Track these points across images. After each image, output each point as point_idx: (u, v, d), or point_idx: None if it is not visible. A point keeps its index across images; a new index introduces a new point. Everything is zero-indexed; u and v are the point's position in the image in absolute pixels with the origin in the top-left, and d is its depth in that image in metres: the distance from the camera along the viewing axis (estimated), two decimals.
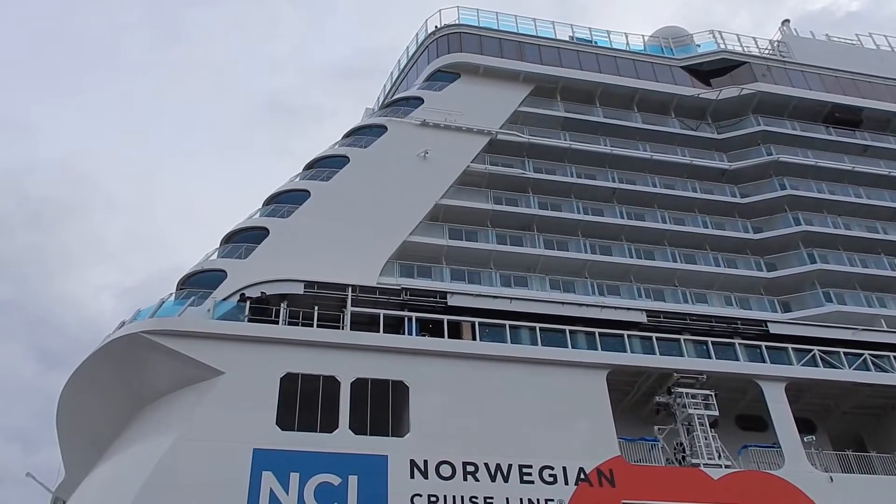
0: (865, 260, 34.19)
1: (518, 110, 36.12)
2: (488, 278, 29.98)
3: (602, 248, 32.36)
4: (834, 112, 39.79)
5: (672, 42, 42.27)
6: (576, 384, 24.74)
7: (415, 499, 20.73)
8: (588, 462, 22.67)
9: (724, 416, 26.21)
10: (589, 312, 27.84)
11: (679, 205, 35.01)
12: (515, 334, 26.08)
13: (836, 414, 28.90)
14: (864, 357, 27.82)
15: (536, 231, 32.12)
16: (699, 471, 23.50)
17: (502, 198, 32.89)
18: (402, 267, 28.79)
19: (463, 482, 21.51)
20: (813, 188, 36.26)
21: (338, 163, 31.61)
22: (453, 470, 21.62)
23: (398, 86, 41.92)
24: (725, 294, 32.11)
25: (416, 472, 21.27)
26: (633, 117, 37.94)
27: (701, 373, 25.76)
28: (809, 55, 42.41)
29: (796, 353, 27.66)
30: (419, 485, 21.04)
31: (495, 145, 34.34)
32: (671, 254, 32.91)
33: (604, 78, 38.49)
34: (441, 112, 34.28)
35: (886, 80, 41.90)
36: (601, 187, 34.50)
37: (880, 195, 37.10)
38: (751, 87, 39.05)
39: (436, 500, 20.91)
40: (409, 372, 23.44)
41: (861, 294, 32.63)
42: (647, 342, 26.90)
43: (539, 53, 38.78)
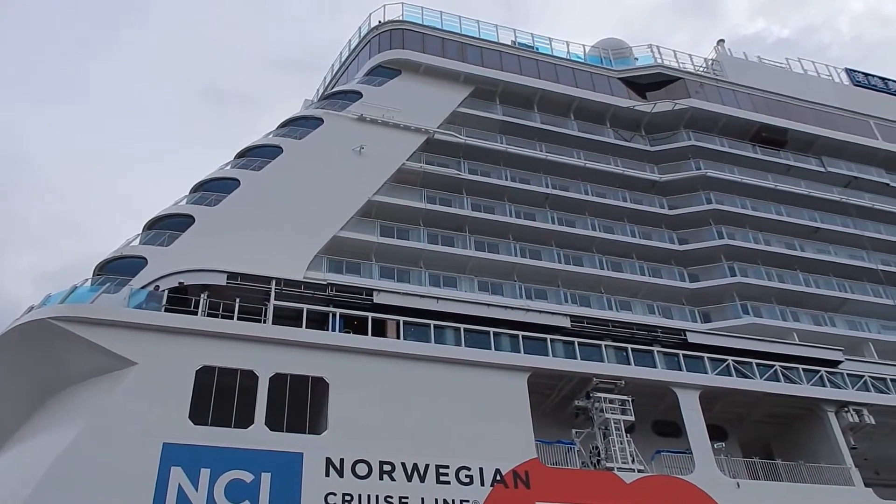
0: (782, 275, 35.41)
1: (457, 111, 36.23)
2: (418, 277, 29.94)
3: (532, 252, 32.69)
4: (761, 131, 41.08)
5: (611, 53, 43.00)
6: (497, 386, 24.91)
7: (329, 497, 20.51)
8: (505, 463, 22.83)
9: (641, 421, 26.75)
10: (515, 315, 28.05)
11: (609, 213, 35.61)
12: (440, 334, 26.10)
13: (747, 422, 29.78)
14: (776, 368, 28.74)
15: (468, 232, 32.23)
16: (613, 474, 23.93)
17: (436, 197, 32.90)
18: (330, 262, 28.50)
19: (379, 481, 21.39)
20: (737, 204, 37.35)
21: (270, 153, 31.14)
22: (370, 469, 21.48)
23: (338, 79, 41.59)
24: (648, 302, 32.82)
25: (331, 470, 21.04)
26: (569, 125, 38.43)
27: (620, 378, 26.23)
28: (741, 75, 43.69)
29: (712, 363, 28.34)
30: (334, 483, 20.83)
31: (432, 144, 34.35)
32: (599, 261, 33.46)
33: (543, 84, 38.89)
34: (379, 108, 34.11)
35: (811, 104, 43.45)
36: (535, 192, 34.84)
37: (799, 213, 38.48)
38: (684, 102, 39.99)
39: (350, 499, 20.73)
40: (330, 369, 23.20)
41: (776, 308, 33.80)
42: (569, 346, 27.22)
43: (481, 56, 38.96)
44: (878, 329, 35.48)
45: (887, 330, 35.62)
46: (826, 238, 38.20)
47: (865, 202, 40.41)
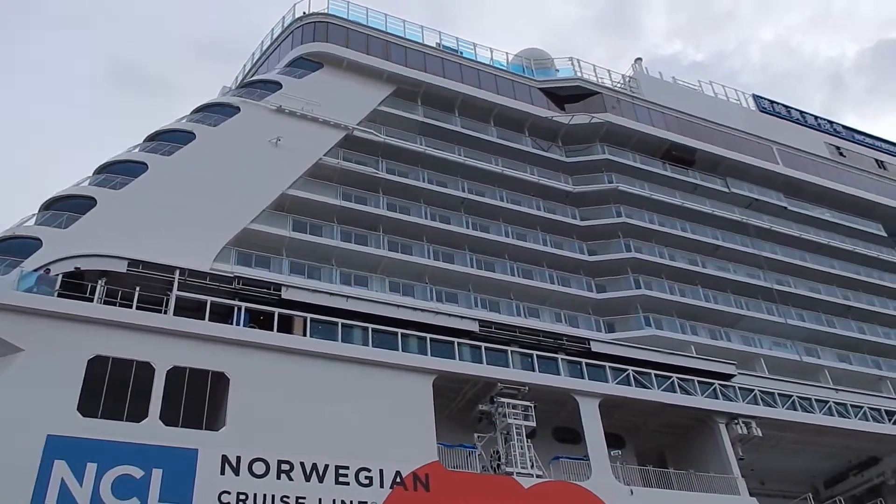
0: (684, 290, 36.65)
1: (378, 109, 35.99)
2: (328, 275, 29.55)
3: (445, 256, 32.76)
4: (671, 150, 42.44)
5: (533, 63, 43.64)
6: (402, 387, 24.81)
7: (223, 496, 19.91)
8: (406, 466, 22.74)
9: (543, 427, 27.16)
10: (424, 317, 28.01)
11: (523, 221, 36.07)
12: (347, 333, 25.78)
13: (644, 431, 30.66)
14: (673, 380, 29.65)
15: (382, 232, 32.03)
16: (512, 479, 24.18)
17: (352, 195, 32.58)
18: (239, 255, 27.79)
19: (276, 481, 20.93)
20: (645, 218, 38.46)
21: (182, 138, 30.14)
22: (267, 468, 20.99)
23: (258, 68, 40.71)
24: (556, 310, 33.39)
25: (227, 468, 20.43)
26: (489, 131, 38.76)
27: (524, 384, 26.54)
28: (656, 94, 45.05)
29: (613, 372, 29.02)
30: (229, 481, 20.25)
31: (351, 141, 34.00)
32: (510, 267, 33.82)
33: (465, 88, 39.10)
34: (299, 100, 33.53)
35: (719, 127, 45.21)
36: (451, 195, 34.95)
37: (703, 231, 39.96)
38: (601, 116, 40.93)
39: (245, 498, 20.20)
40: (232, 363, 22.57)
41: (677, 321, 34.95)
42: (476, 351, 27.37)
43: (405, 55, 38.86)
44: (770, 345, 37.18)
45: (778, 347, 37.36)
46: (726, 256, 39.79)
47: (764, 223, 42.33)
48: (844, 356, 38.82)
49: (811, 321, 39.16)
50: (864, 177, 49.69)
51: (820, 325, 39.29)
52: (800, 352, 37.36)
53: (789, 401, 31.69)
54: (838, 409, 32.69)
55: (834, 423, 32.08)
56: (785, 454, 32.29)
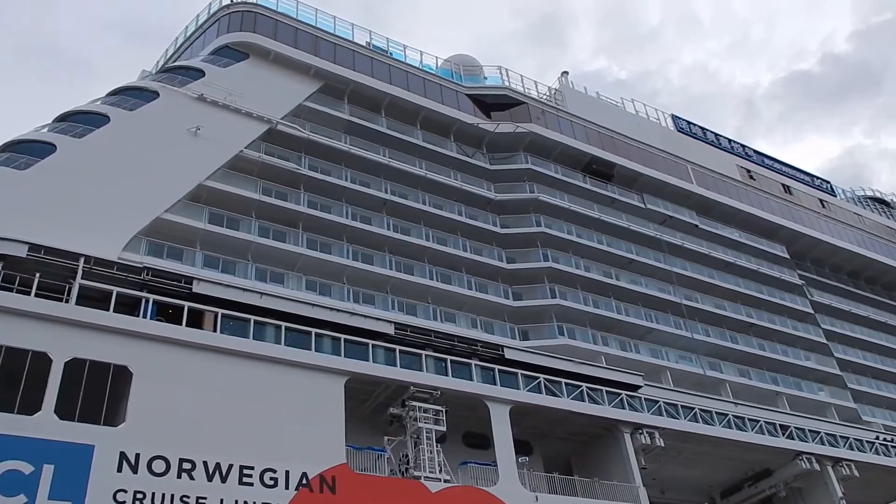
0: (598, 301, 37.47)
1: (303, 104, 35.44)
2: (244, 270, 28.97)
3: (364, 257, 32.53)
4: (592, 163, 43.32)
5: (462, 69, 43.81)
6: (313, 388, 24.46)
7: (118, 494, 19.15)
8: (312, 467, 22.40)
9: (453, 432, 27.24)
10: (339, 318, 27.60)
11: (444, 225, 36.17)
12: (260, 331, 25.17)
13: (551, 438, 31.11)
14: (582, 389, 30.20)
15: (302, 229, 31.58)
16: (419, 483, 24.14)
17: (272, 190, 32.00)
18: (150, 245, 26.89)
19: (176, 479, 20.29)
20: (564, 229, 39.17)
21: (96, 121, 28.93)
22: (168, 466, 20.33)
23: (181, 54, 39.56)
24: (472, 316, 33.61)
25: (124, 465, 19.67)
26: (415, 133, 38.72)
27: (436, 388, 26.56)
28: (580, 108, 45.95)
29: (525, 379, 29.30)
30: (126, 479, 19.50)
31: (274, 135, 33.40)
32: (429, 271, 33.86)
33: (393, 90, 38.93)
34: (222, 90, 32.72)
35: (639, 144, 46.48)
36: (373, 196, 34.74)
37: (618, 244, 40.97)
38: (525, 126, 41.45)
39: (143, 497, 19.49)
40: (136, 357, 21.75)
41: (589, 331, 35.70)
42: (390, 353, 27.18)
43: (334, 52, 38.41)
44: (676, 359, 38.40)
45: (683, 360, 38.62)
46: (639, 270, 40.90)
47: (677, 240, 43.69)
48: (745, 371, 40.51)
49: (716, 336, 40.69)
50: (771, 200, 51.94)
51: (724, 340, 40.87)
52: (703, 366, 38.71)
53: (691, 413, 32.74)
54: (737, 422, 33.96)
55: (732, 435, 33.30)
56: (685, 464, 33.34)
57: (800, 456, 34.40)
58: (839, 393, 43.79)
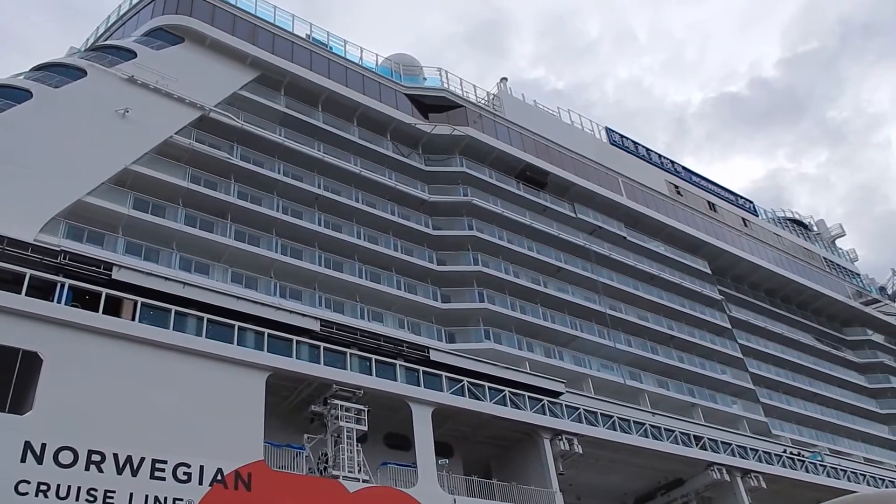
0: (525, 307, 37.88)
1: (238, 93, 34.80)
2: (167, 259, 28.21)
3: (294, 251, 32.12)
4: (526, 170, 43.85)
5: (402, 69, 43.73)
6: (234, 382, 23.89)
7: (20, 486, 18.27)
8: (228, 463, 21.86)
9: (375, 432, 27.05)
10: (264, 312, 27.09)
11: (376, 224, 35.99)
12: (181, 321, 24.39)
13: (473, 441, 31.19)
14: (505, 393, 30.39)
15: (230, 220, 30.98)
16: (337, 482, 23.86)
17: (201, 178, 31.27)
18: (69, 228, 25.93)
19: (84, 472, 19.49)
20: (495, 234, 39.49)
21: (16, 95, 27.69)
22: (75, 457, 19.52)
23: (112, 33, 38.31)
24: (400, 317, 33.52)
25: (29, 455, 18.77)
26: (351, 130, 38.43)
27: (359, 388, 26.30)
28: (517, 115, 46.41)
29: (449, 381, 29.24)
30: (30, 471, 18.62)
31: (206, 123, 32.66)
32: (359, 269, 33.63)
33: (331, 84, 38.55)
34: (154, 72, 31.82)
35: (572, 153, 47.23)
36: (306, 190, 34.31)
37: (548, 252, 41.52)
38: (462, 129, 41.63)
39: (47, 489, 18.64)
40: (48, 343, 20.81)
41: (515, 336, 36.06)
42: (314, 350, 26.72)
43: (272, 42, 37.82)
44: (598, 367, 39.12)
45: (605, 369, 39.39)
46: (567, 278, 41.52)
47: (604, 250, 44.54)
48: (663, 382, 41.57)
49: (637, 347, 41.63)
50: (696, 216, 53.50)
51: (644, 351, 41.83)
52: (624, 375, 39.54)
53: (610, 421, 33.33)
54: (653, 431, 34.75)
55: (648, 444, 34.05)
56: (601, 471, 33.93)
57: (711, 466, 35.42)
58: (751, 406, 45.38)
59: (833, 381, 54.08)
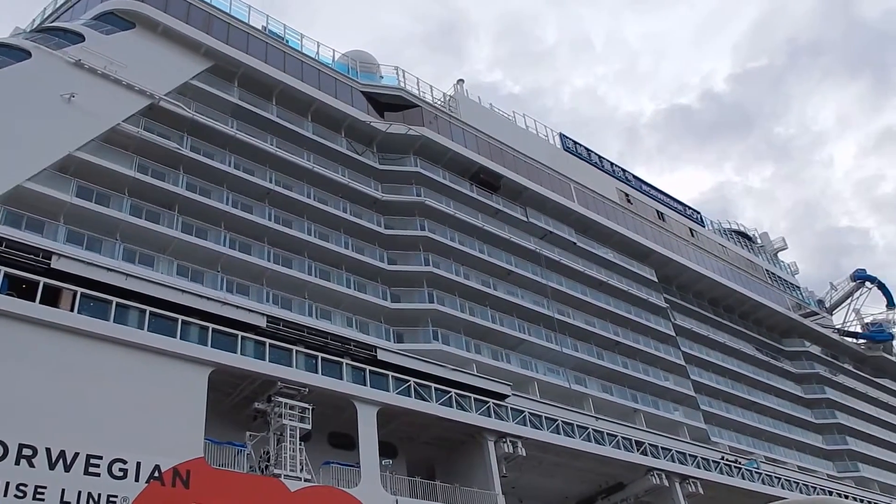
0: (474, 309, 37.96)
1: (189, 83, 34.12)
2: (110, 249, 27.53)
3: (242, 245, 31.64)
4: (480, 173, 43.95)
5: (359, 66, 43.46)
6: (175, 377, 23.34)
7: None
8: (166, 460, 21.34)
9: (319, 431, 26.71)
10: (209, 306, 26.45)
11: (328, 221, 35.67)
12: (122, 314, 23.71)
13: (417, 442, 31.11)
14: (451, 395, 30.34)
15: (178, 212, 30.37)
16: (278, 481, 23.51)
17: (149, 168, 30.59)
18: (7, 214, 25.14)
19: (14, 467, 18.79)
20: (447, 235, 39.49)
21: None
22: (5, 451, 18.77)
23: (60, 15, 37.23)
24: (349, 315, 33.29)
25: None
26: (305, 125, 38.01)
27: (304, 386, 25.95)
28: (473, 117, 46.51)
29: (395, 381, 29.04)
30: None
31: (155, 111, 31.95)
32: (308, 266, 33.28)
33: (286, 78, 38.09)
34: (103, 58, 31.00)
35: (526, 158, 47.52)
36: (257, 184, 33.84)
37: (499, 255, 41.70)
38: (418, 129, 41.52)
39: None
40: None
41: (463, 338, 36.11)
42: (260, 347, 26.25)
43: (227, 32, 37.22)
44: (544, 371, 39.42)
45: (551, 372, 39.72)
46: (517, 281, 41.75)
47: (555, 255, 44.91)
48: (607, 387, 42.09)
49: (583, 352, 42.10)
50: (645, 225, 54.33)
51: (590, 356, 42.31)
52: (570, 379, 39.92)
53: (554, 424, 33.55)
54: (596, 435, 35.09)
55: (590, 448, 34.35)
56: (544, 474, 34.15)
57: (651, 472, 35.92)
58: (692, 413, 46.25)
59: (771, 390, 55.49)
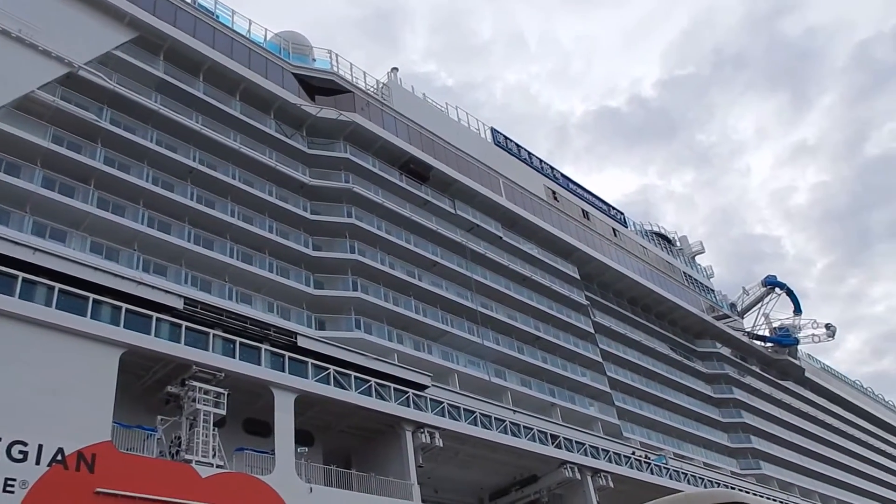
0: (398, 299, 37.83)
1: (112, 53, 32.77)
2: (19, 222, 26.38)
3: (161, 224, 30.72)
4: (410, 163, 43.73)
5: (292, 47, 42.56)
6: (84, 358, 22.42)
7: None
8: (71, 443, 20.50)
9: (234, 417, 26.19)
10: (124, 286, 25.43)
11: (252, 203, 34.96)
12: (29, 290, 22.57)
13: (334, 431, 30.84)
14: (371, 384, 30.11)
15: (94, 187, 29.25)
16: (189, 467, 22.90)
17: (64, 139, 29.33)
18: None
19: None
20: (374, 224, 39.20)
21: None
22: None
23: None
24: (270, 300, 32.75)
25: None
26: (233, 104, 37.07)
27: (220, 370, 25.32)
28: (405, 106, 46.21)
29: (315, 369, 28.61)
30: None
31: (74, 81, 30.59)
32: (230, 248, 32.55)
33: (215, 55, 36.99)
34: (17, 20, 29.43)
35: (457, 150, 47.55)
36: (179, 162, 32.86)
37: (425, 246, 41.67)
38: (349, 115, 40.97)
39: None
40: None
41: (386, 328, 35.95)
42: (175, 329, 25.45)
43: (154, 2, 35.82)
44: (465, 363, 39.65)
45: (472, 365, 39.98)
46: (441, 273, 41.83)
47: (481, 249, 45.17)
48: (526, 381, 42.66)
49: (504, 345, 42.51)
50: (570, 222, 55.19)
51: (511, 350, 42.77)
52: (490, 372, 40.25)
53: (472, 416, 33.78)
54: (513, 428, 35.50)
55: (507, 441, 34.75)
56: (460, 465, 34.39)
57: (565, 465, 36.61)
58: (606, 409, 47.36)
59: (682, 389, 57.33)
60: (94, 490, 20.27)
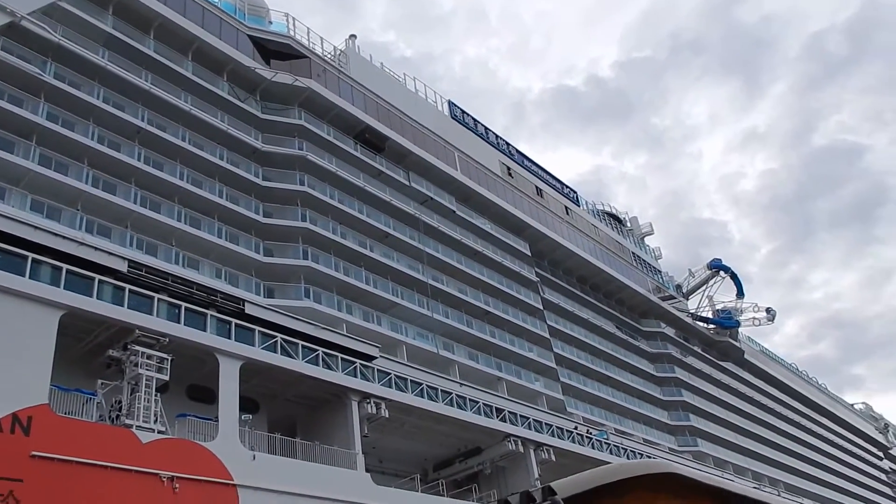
0: (349, 269, 37.62)
1: (58, 4, 31.27)
2: None
3: (106, 185, 29.83)
4: (365, 132, 43.14)
5: (247, 8, 41.42)
6: (21, 319, 21.82)
7: None
8: (5, 405, 19.95)
9: (178, 383, 25.92)
10: (65, 246, 24.67)
11: (202, 167, 34.18)
12: None
13: (280, 399, 30.74)
14: (318, 353, 30.01)
15: (35, 143, 28.16)
16: (129, 432, 22.56)
17: (5, 93, 28.21)
18: None
19: None
20: (327, 192, 38.72)
21: None
22: None
23: None
24: (218, 266, 32.22)
25: None
26: (185, 64, 35.96)
27: (164, 335, 24.94)
28: (363, 75, 45.55)
29: (261, 337, 28.40)
30: None
31: (15, 31, 29.25)
32: (178, 212, 31.86)
33: (167, 12, 35.65)
34: None
35: (413, 122, 47.15)
36: (127, 121, 31.84)
37: (378, 217, 41.37)
38: (305, 81, 40.20)
39: None
40: None
41: (335, 297, 35.75)
42: (119, 292, 24.87)
43: None
44: (414, 335, 39.70)
45: (421, 337, 40.06)
46: (393, 245, 41.66)
47: (433, 222, 45.07)
48: (474, 355, 42.97)
49: (453, 319, 42.66)
50: (524, 199, 55.40)
51: (460, 323, 42.96)
52: (438, 345, 40.43)
53: (419, 388, 34.00)
54: (459, 401, 35.87)
55: (452, 413, 35.12)
56: (405, 436, 34.64)
57: (508, 438, 37.17)
58: (552, 384, 48.05)
59: (626, 367, 58.49)
60: (29, 453, 19.84)
